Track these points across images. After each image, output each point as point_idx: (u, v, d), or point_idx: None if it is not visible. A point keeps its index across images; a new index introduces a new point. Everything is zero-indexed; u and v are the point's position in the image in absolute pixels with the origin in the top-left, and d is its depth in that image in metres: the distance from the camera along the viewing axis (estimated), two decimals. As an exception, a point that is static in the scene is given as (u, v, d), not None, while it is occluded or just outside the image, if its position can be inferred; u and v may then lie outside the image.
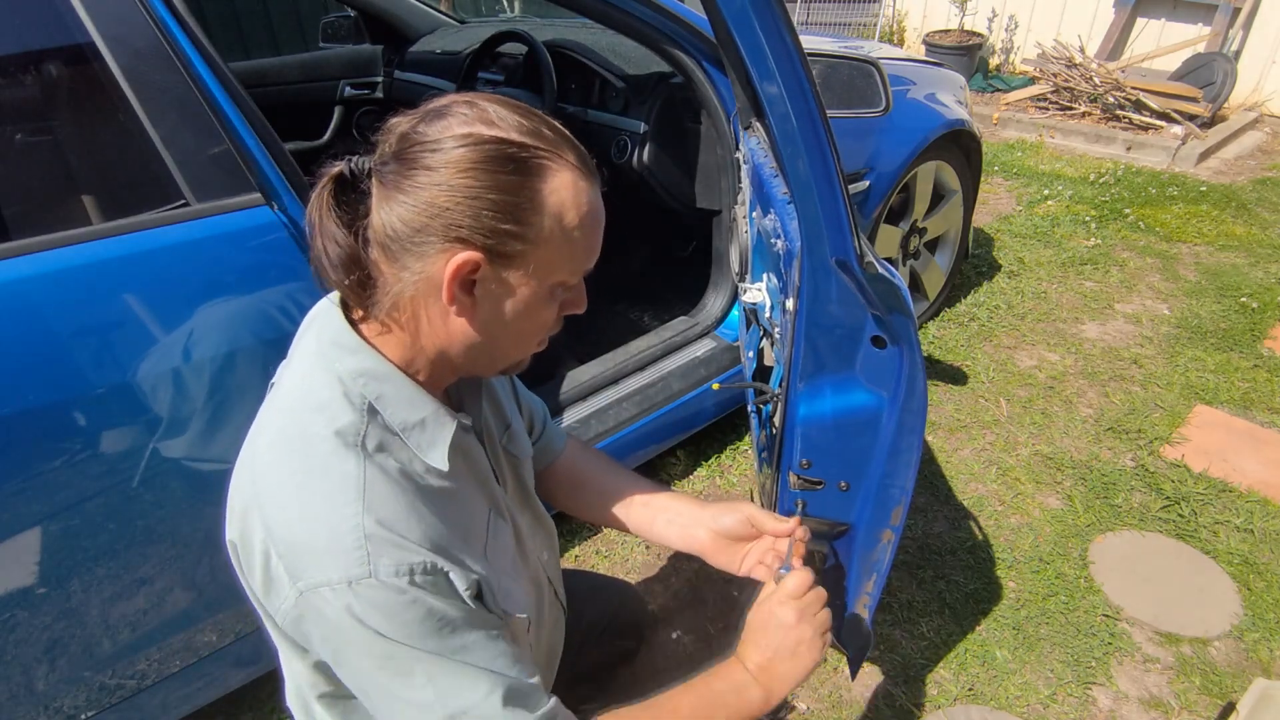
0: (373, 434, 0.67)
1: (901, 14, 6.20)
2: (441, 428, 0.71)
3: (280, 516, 0.64)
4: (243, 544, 0.68)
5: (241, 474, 0.70)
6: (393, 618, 0.63)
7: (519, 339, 0.73)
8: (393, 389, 0.69)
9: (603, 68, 2.08)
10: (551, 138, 0.67)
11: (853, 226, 0.95)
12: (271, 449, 0.67)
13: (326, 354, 0.69)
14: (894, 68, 2.21)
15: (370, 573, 0.62)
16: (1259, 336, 2.63)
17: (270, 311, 1.12)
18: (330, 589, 0.62)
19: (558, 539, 1.04)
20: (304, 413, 0.67)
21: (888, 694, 1.51)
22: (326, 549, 0.62)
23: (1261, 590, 1.70)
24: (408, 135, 0.64)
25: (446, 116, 0.64)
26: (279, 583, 0.65)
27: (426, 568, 0.64)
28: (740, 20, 0.87)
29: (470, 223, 0.62)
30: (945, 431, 2.22)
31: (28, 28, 1.02)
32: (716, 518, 0.99)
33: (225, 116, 1.08)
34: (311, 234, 0.67)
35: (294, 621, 0.65)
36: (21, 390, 0.96)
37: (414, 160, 0.62)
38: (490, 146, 0.62)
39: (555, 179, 0.65)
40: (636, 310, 2.49)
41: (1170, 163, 4.23)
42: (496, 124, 0.64)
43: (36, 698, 1.11)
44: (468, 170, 0.61)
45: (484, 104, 0.65)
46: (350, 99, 2.83)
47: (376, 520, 0.63)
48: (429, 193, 0.62)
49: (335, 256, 0.65)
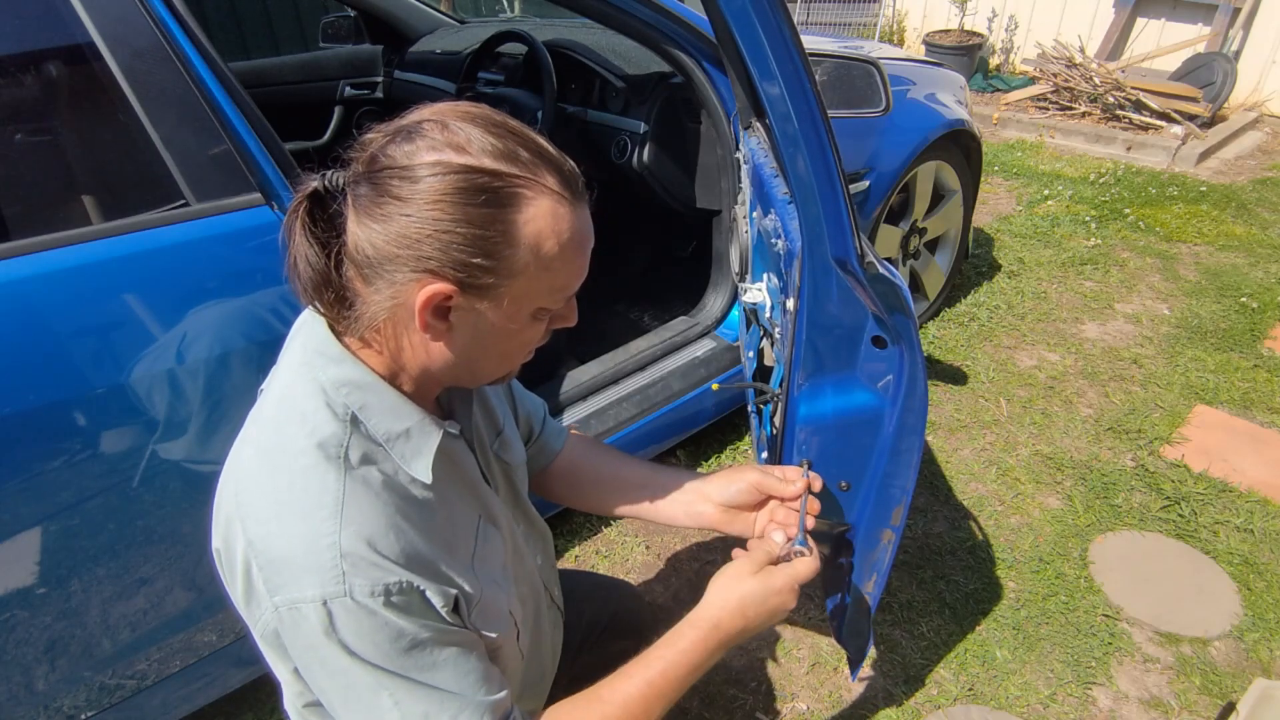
0: (356, 445, 0.66)
1: (901, 14, 6.20)
2: (426, 438, 0.70)
3: (260, 530, 0.64)
4: (226, 553, 0.67)
5: (226, 483, 0.69)
6: (364, 637, 0.63)
7: (501, 359, 0.72)
8: (376, 399, 0.68)
9: (603, 68, 2.08)
10: (528, 160, 0.62)
11: (853, 226, 0.95)
12: (254, 459, 0.67)
13: (311, 363, 0.68)
14: (894, 68, 2.21)
15: (345, 591, 0.61)
16: (1259, 336, 2.63)
17: (270, 311, 1.12)
18: (306, 605, 0.62)
19: (553, 542, 1.04)
20: (286, 424, 0.67)
21: (888, 694, 1.51)
22: (304, 565, 0.62)
23: (1261, 590, 1.70)
24: (377, 158, 0.61)
25: (416, 139, 0.61)
26: (259, 595, 0.64)
27: (402, 586, 0.64)
28: (741, 19, 0.87)
29: (440, 255, 0.60)
30: (945, 431, 2.22)
31: (28, 28, 1.02)
32: (722, 489, 0.97)
33: (225, 116, 1.08)
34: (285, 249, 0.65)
35: (273, 634, 0.65)
36: (21, 390, 0.96)
37: (384, 187, 0.60)
38: (460, 177, 0.59)
39: (531, 208, 0.62)
40: (636, 310, 2.49)
41: (1170, 163, 4.23)
42: (467, 149, 0.60)
43: (36, 698, 1.11)
44: (437, 202, 0.59)
45: (456, 124, 0.62)
46: (350, 99, 2.83)
47: (354, 537, 0.62)
48: (398, 224, 0.59)
49: (306, 275, 0.64)
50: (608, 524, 1.92)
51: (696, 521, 0.99)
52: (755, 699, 1.51)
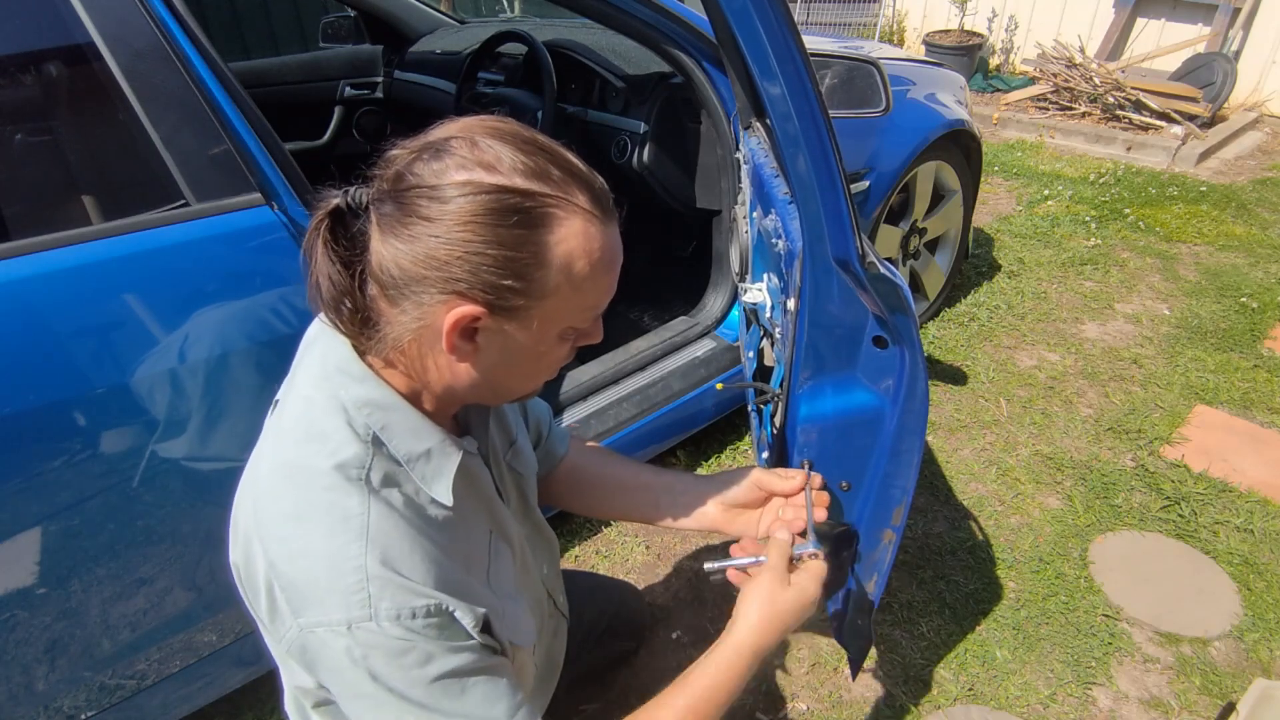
0: (378, 467, 0.65)
1: (901, 14, 6.20)
2: (446, 458, 0.70)
3: (282, 550, 0.63)
4: (246, 571, 0.67)
5: (244, 498, 0.68)
6: (390, 662, 0.62)
7: (527, 378, 0.72)
8: (398, 419, 0.67)
9: (603, 68, 2.08)
10: (560, 178, 0.61)
11: (855, 226, 0.95)
12: (273, 476, 0.66)
13: (331, 380, 0.67)
14: (894, 68, 2.21)
15: (370, 615, 0.61)
16: (1259, 336, 2.63)
17: (270, 312, 1.12)
18: (329, 629, 0.61)
19: (559, 548, 1.03)
20: (306, 442, 0.65)
21: (888, 694, 1.51)
22: (328, 588, 0.61)
23: (1261, 590, 1.70)
24: (403, 176, 0.60)
25: (444, 156, 0.59)
26: (283, 614, 0.64)
27: (430, 610, 0.63)
28: (742, 18, 0.87)
29: (470, 277, 0.59)
30: (945, 431, 2.22)
31: (28, 28, 1.02)
32: (722, 489, 0.97)
33: (225, 116, 1.07)
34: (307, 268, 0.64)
35: (299, 650, 0.65)
36: (21, 390, 0.95)
37: (411, 207, 0.58)
38: (491, 197, 0.57)
39: (563, 228, 0.60)
40: (636, 310, 2.49)
41: (1170, 163, 4.23)
42: (497, 168, 0.59)
43: (36, 698, 1.11)
44: (467, 224, 0.57)
45: (485, 141, 0.60)
46: (350, 99, 2.83)
47: (380, 560, 0.61)
48: (426, 244, 0.58)
49: (329, 294, 0.63)
50: (607, 524, 1.92)
51: (699, 523, 0.98)
52: (755, 699, 1.51)
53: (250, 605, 0.69)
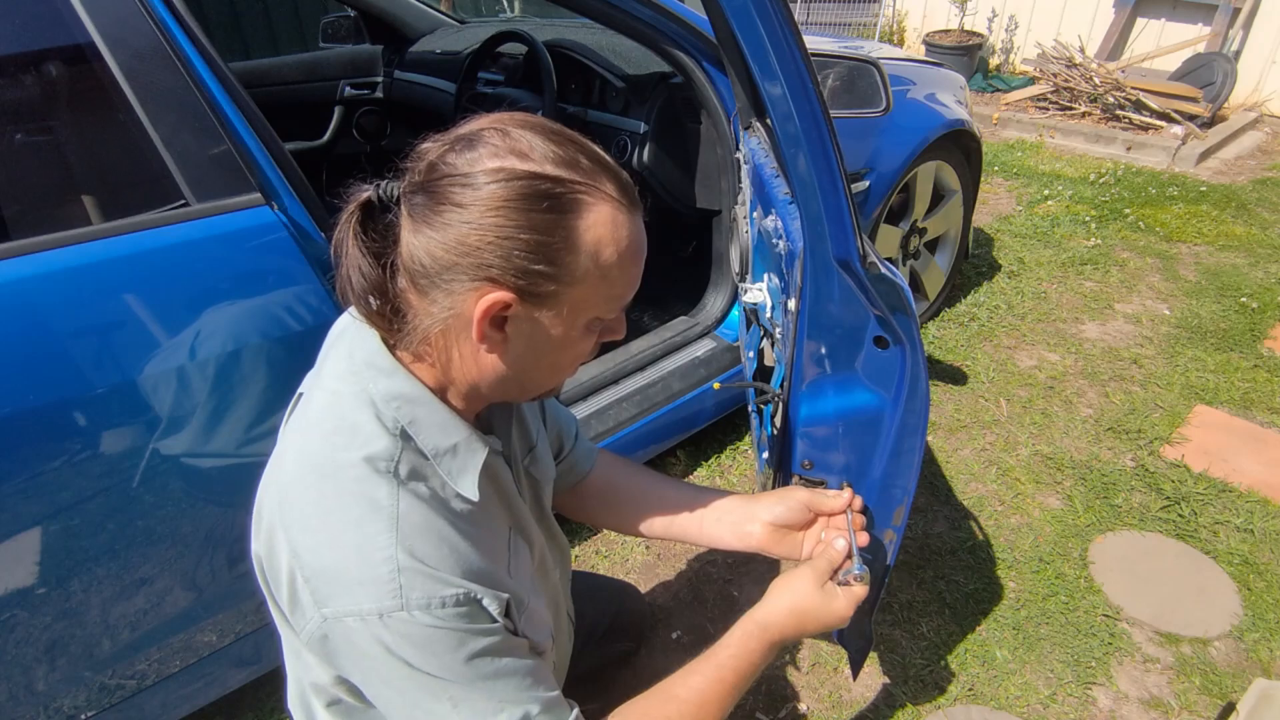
0: (406, 460, 0.66)
1: (901, 14, 6.20)
2: (473, 454, 0.70)
3: (308, 541, 0.63)
4: (269, 561, 0.67)
5: (268, 489, 0.69)
6: (423, 649, 0.63)
7: (552, 371, 0.72)
8: (426, 413, 0.68)
9: (603, 68, 2.08)
10: (589, 167, 0.62)
11: (855, 226, 0.95)
12: (299, 469, 0.66)
13: (360, 374, 0.68)
14: (894, 68, 2.21)
15: (402, 605, 0.61)
16: (1259, 336, 2.63)
17: (270, 311, 1.12)
18: (359, 619, 0.62)
19: (571, 556, 1.03)
20: (334, 435, 0.66)
21: (888, 694, 1.51)
22: (359, 579, 0.62)
23: (1261, 590, 1.70)
24: (436, 165, 0.61)
25: (477, 146, 0.60)
26: (304, 605, 0.64)
27: (459, 599, 0.64)
28: (742, 18, 0.87)
29: (501, 263, 0.59)
30: (945, 431, 2.22)
31: (28, 28, 1.02)
32: (770, 509, 0.97)
33: (225, 116, 1.07)
34: (337, 261, 0.65)
35: (319, 641, 0.65)
36: (22, 390, 0.95)
37: (443, 195, 0.59)
38: (523, 183, 0.59)
39: (592, 214, 0.62)
40: (636, 310, 2.49)
41: (1170, 163, 4.23)
42: (530, 156, 0.60)
43: (36, 698, 1.11)
44: (499, 208, 0.58)
45: (517, 132, 0.61)
46: (350, 99, 2.83)
47: (409, 551, 0.62)
48: (458, 230, 0.59)
49: (359, 286, 0.64)
50: (608, 524, 1.92)
51: (744, 543, 0.98)
52: (755, 699, 1.51)
53: (270, 595, 0.70)
